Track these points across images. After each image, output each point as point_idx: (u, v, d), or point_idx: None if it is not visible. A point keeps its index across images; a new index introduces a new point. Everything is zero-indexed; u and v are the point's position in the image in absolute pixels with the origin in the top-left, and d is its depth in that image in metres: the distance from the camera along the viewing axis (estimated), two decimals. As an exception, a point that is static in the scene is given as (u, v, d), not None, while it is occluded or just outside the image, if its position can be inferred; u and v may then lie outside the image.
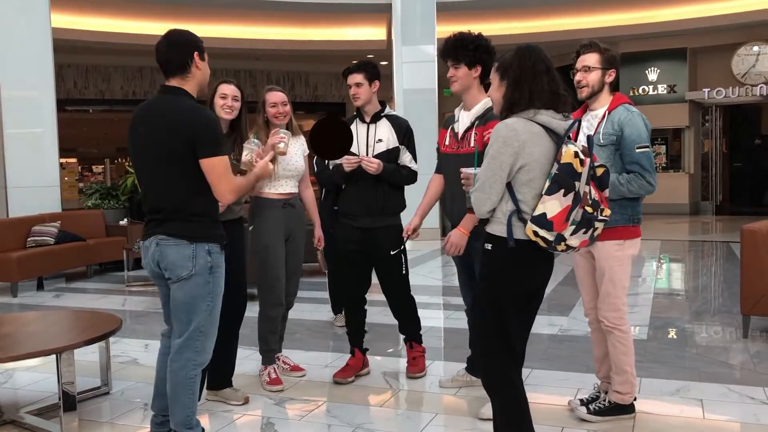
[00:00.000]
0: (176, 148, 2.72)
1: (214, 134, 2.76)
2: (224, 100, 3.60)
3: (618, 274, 3.23)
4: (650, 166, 3.20)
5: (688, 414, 3.44)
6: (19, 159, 8.62)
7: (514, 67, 2.57)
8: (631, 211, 3.25)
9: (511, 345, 2.60)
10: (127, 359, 4.64)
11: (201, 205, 2.79)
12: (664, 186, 14.92)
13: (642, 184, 3.18)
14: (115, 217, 8.97)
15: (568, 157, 2.45)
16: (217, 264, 2.86)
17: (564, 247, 2.48)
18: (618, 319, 3.25)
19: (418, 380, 4.01)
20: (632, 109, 3.25)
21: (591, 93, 3.29)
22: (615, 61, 3.29)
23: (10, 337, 3.56)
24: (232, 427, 3.41)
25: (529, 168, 2.50)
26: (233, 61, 15.57)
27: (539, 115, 2.52)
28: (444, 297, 6.64)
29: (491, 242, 2.60)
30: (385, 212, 3.90)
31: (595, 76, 3.26)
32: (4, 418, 3.53)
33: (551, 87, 2.54)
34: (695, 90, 14.96)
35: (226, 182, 2.74)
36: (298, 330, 5.19)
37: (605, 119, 3.24)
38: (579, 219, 2.46)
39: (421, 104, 10.46)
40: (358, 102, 3.89)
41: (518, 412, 2.61)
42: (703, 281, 7.62)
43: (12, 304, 6.80)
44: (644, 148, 3.19)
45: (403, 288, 4.01)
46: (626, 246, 3.24)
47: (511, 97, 2.56)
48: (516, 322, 2.61)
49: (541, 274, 2.66)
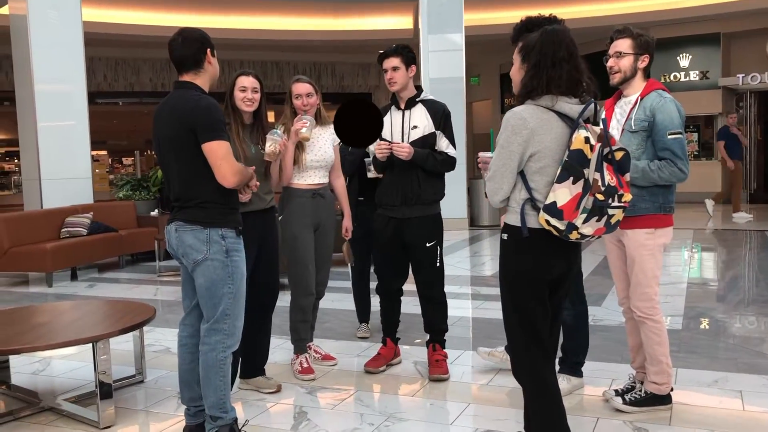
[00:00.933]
0: (182, 137, 2.84)
1: (214, 120, 2.83)
2: (244, 92, 3.57)
3: (648, 264, 3.17)
4: (682, 153, 3.13)
5: (728, 405, 3.37)
6: (52, 151, 8.77)
7: (535, 51, 2.48)
8: (663, 199, 3.18)
9: (537, 335, 2.54)
10: (160, 348, 4.70)
11: (210, 192, 2.88)
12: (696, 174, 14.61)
13: (673, 171, 3.11)
14: (146, 208, 9.08)
15: (578, 143, 2.38)
16: (234, 248, 2.94)
17: (577, 235, 2.40)
18: (650, 309, 3.20)
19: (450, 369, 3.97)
20: (665, 95, 3.19)
21: (623, 79, 3.24)
22: (648, 47, 3.23)
23: (47, 326, 3.62)
24: (265, 415, 3.43)
25: (540, 155, 2.45)
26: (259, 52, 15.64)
27: (558, 102, 2.45)
28: (473, 287, 6.61)
29: (507, 232, 2.56)
30: (422, 200, 3.79)
31: (627, 62, 3.21)
32: (42, 405, 3.59)
33: (571, 75, 2.46)
34: (729, 76, 14.64)
35: (226, 164, 2.81)
36: (329, 319, 5.21)
37: (637, 105, 3.20)
38: (590, 207, 2.37)
39: (449, 93, 10.34)
40: (395, 87, 3.80)
41: (549, 402, 2.57)
42: (738, 270, 7.48)
43: (47, 294, 6.93)
44: (676, 134, 3.12)
45: (436, 281, 3.90)
46: (657, 235, 3.18)
47: (529, 83, 2.49)
48: (539, 311, 2.54)
49: (563, 261, 2.55)
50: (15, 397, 3.78)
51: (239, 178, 2.87)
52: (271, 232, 3.70)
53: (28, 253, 7.25)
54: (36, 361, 4.47)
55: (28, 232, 7.48)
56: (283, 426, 3.28)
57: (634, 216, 3.13)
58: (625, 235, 3.21)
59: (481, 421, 3.27)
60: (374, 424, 3.26)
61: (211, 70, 2.98)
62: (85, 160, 9.15)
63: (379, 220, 3.93)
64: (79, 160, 9.07)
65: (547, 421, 2.58)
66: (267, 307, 3.73)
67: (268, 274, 3.67)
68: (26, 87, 8.80)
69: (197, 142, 2.80)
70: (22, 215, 8.12)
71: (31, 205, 8.91)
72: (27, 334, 3.42)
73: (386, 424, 3.26)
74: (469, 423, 3.26)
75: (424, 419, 3.34)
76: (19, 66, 9.00)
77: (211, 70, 2.98)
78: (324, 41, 14.73)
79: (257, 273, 3.57)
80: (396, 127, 3.83)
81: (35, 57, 8.65)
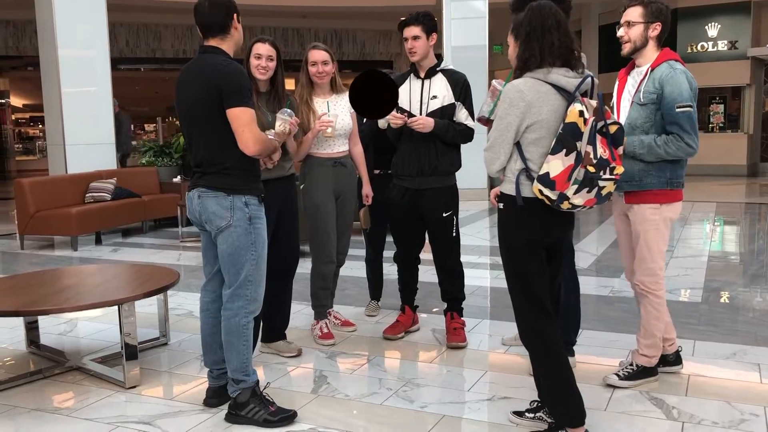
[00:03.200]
0: (207, 102, 2.83)
1: (240, 86, 2.82)
2: (258, 60, 3.52)
3: (653, 238, 3.13)
4: (690, 127, 3.02)
5: (745, 378, 3.38)
6: (76, 117, 8.87)
7: (524, 24, 2.59)
8: (670, 173, 3.11)
9: (537, 299, 2.62)
10: (183, 312, 4.80)
11: (234, 158, 2.87)
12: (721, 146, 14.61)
13: (681, 146, 3.02)
14: (169, 175, 9.17)
15: (572, 116, 2.46)
16: (256, 215, 2.96)
17: (569, 205, 2.50)
18: (653, 284, 3.18)
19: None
20: (676, 65, 3.07)
21: (633, 48, 3.15)
22: (660, 14, 3.10)
23: (74, 288, 3.71)
24: (286, 378, 3.51)
25: (536, 127, 2.53)
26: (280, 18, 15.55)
27: (551, 74, 2.53)
28: (491, 257, 6.62)
29: (503, 201, 2.67)
30: (438, 172, 3.80)
31: (636, 31, 3.12)
32: (69, 365, 3.70)
33: (562, 42, 2.54)
34: (758, 46, 14.31)
35: (249, 132, 2.80)
36: (349, 287, 5.27)
37: (647, 76, 3.10)
38: (581, 179, 2.46)
39: (471, 62, 10.24)
40: (415, 57, 3.75)
41: (556, 363, 2.63)
42: (760, 245, 7.41)
43: (72, 258, 7.07)
44: (685, 107, 3.00)
45: (452, 251, 3.93)
46: (663, 210, 3.13)
47: (523, 55, 2.59)
48: (537, 275, 2.62)
49: (556, 229, 2.66)
50: (43, 357, 3.90)
51: (261, 146, 2.87)
52: (292, 199, 3.73)
53: (53, 217, 7.38)
54: (63, 322, 4.58)
55: (53, 196, 7.61)
56: (304, 389, 3.35)
57: (641, 191, 3.11)
58: (631, 209, 3.18)
59: (497, 389, 3.32)
60: (392, 389, 3.32)
61: (236, 36, 2.96)
62: (108, 126, 9.24)
63: (396, 190, 3.94)
64: (103, 126, 9.16)
65: (556, 382, 2.64)
66: (288, 273, 3.78)
67: (289, 241, 3.71)
68: (50, 52, 8.86)
69: (222, 107, 2.80)
70: (48, 180, 8.25)
71: (55, 170, 9.04)
72: (55, 296, 3.51)
73: (404, 389, 3.32)
74: (485, 390, 3.31)
75: (441, 385, 3.40)
76: (43, 31, 9.05)
77: (236, 36, 2.96)
78: (346, 8, 14.59)
79: (278, 239, 3.61)
80: (415, 96, 3.81)
81: (59, 22, 8.69)
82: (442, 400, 3.19)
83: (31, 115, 22.17)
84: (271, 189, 3.46)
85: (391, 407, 3.12)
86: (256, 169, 3.03)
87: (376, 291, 4.70)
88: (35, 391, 3.42)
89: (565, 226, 2.72)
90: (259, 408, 2.96)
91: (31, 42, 14.11)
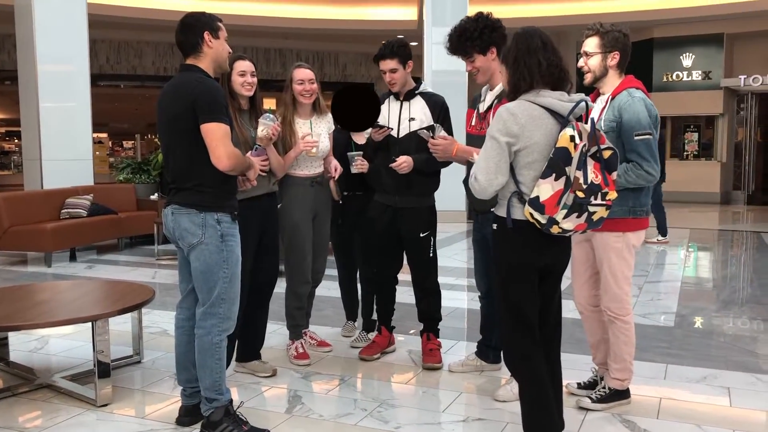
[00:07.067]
0: (183, 118, 2.86)
1: (214, 101, 2.84)
2: (243, 77, 3.57)
3: (616, 266, 3.16)
4: (649, 154, 3.04)
5: (715, 402, 3.43)
6: (53, 132, 8.80)
7: (512, 50, 2.63)
8: (632, 202, 3.12)
9: (525, 321, 2.62)
10: (157, 330, 4.75)
11: (208, 175, 2.88)
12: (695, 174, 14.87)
13: (641, 174, 3.04)
14: (146, 192, 9.11)
15: (563, 141, 2.47)
16: (229, 233, 2.96)
17: (558, 229, 2.51)
18: (620, 309, 3.20)
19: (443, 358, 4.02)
20: (635, 93, 3.09)
21: (594, 78, 3.22)
22: (617, 42, 3.15)
23: (47, 304, 3.66)
24: (260, 398, 3.48)
25: (529, 151, 2.54)
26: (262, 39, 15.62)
27: (541, 96, 2.54)
28: (468, 279, 6.65)
29: (497, 222, 2.68)
30: (414, 192, 3.83)
31: (594, 61, 3.19)
32: (39, 382, 3.64)
33: (550, 61, 2.57)
34: (731, 77, 14.67)
35: (222, 146, 2.82)
36: (325, 307, 5.25)
37: (608, 104, 3.15)
38: (570, 203, 2.46)
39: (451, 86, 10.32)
40: (395, 88, 3.82)
41: (537, 390, 2.63)
42: (732, 271, 7.53)
43: (46, 274, 6.97)
44: (643, 135, 3.03)
45: (429, 271, 3.94)
46: (626, 237, 3.15)
47: (512, 79, 2.62)
48: (527, 298, 2.62)
49: (550, 252, 2.64)
50: (13, 374, 3.83)
51: (234, 162, 2.87)
52: (274, 217, 3.74)
53: (27, 233, 7.29)
54: (34, 339, 4.51)
55: (28, 211, 7.52)
56: (278, 409, 3.32)
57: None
58: (594, 236, 3.19)
59: (472, 410, 3.33)
60: (367, 409, 3.31)
61: (211, 53, 2.97)
62: (86, 142, 9.18)
63: (376, 207, 3.97)
64: (81, 142, 9.10)
65: (535, 408, 2.63)
66: (266, 293, 3.77)
67: (269, 260, 3.71)
68: (29, 67, 8.81)
69: (197, 124, 2.82)
70: (23, 194, 8.16)
71: (31, 185, 8.94)
72: (28, 312, 3.46)
73: (379, 410, 3.31)
74: (460, 411, 3.32)
75: (416, 406, 3.39)
76: (23, 45, 9.01)
77: (211, 53, 2.97)
78: (327, 30, 14.71)
79: (259, 258, 3.61)
80: (393, 117, 3.87)
81: (39, 37, 8.66)
82: (417, 421, 3.19)
83: (6, 129, 21.95)
84: (256, 205, 3.48)
85: (366, 428, 3.11)
86: (231, 187, 3.03)
87: (352, 312, 4.69)
88: (3, 409, 3.36)
89: (556, 250, 2.67)
90: (232, 427, 2.93)
91: (9, 56, 14.00)
